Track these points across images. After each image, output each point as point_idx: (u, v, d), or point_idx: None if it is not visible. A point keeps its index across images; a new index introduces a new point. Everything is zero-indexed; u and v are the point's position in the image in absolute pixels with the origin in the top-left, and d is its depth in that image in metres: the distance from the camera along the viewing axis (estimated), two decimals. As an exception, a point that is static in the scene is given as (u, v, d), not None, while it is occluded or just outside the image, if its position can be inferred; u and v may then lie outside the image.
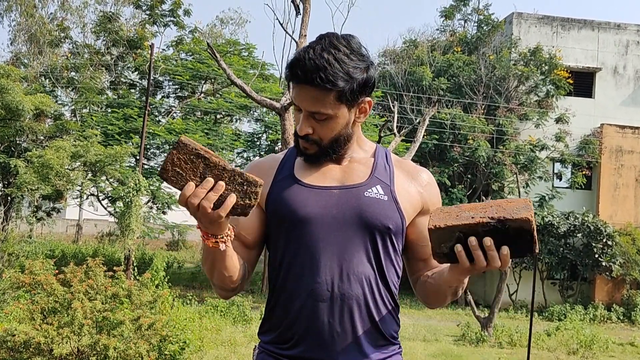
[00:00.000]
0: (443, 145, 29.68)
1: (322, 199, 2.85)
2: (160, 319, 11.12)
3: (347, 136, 2.91)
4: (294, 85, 2.81)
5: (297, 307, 2.80)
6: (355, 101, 2.84)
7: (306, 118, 2.82)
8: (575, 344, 19.01)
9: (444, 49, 34.45)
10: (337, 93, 2.75)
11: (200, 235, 2.59)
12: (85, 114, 30.59)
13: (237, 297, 21.56)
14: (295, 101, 2.85)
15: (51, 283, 10.78)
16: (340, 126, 2.86)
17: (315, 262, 2.80)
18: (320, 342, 2.77)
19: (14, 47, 40.64)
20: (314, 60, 2.72)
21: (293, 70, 2.77)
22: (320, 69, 2.71)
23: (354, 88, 2.78)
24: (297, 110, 2.88)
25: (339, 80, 2.74)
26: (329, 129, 2.84)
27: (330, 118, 2.81)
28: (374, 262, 2.84)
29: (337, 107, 2.79)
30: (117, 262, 22.87)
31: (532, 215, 2.43)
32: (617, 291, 29.67)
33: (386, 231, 2.84)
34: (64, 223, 61.55)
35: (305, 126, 2.83)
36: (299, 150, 2.93)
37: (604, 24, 33.25)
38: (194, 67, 30.51)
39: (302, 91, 2.78)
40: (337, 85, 2.73)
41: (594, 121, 31.90)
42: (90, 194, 29.17)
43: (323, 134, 2.85)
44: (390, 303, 2.90)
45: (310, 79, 2.72)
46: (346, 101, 2.80)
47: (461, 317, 24.50)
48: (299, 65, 2.75)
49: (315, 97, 2.75)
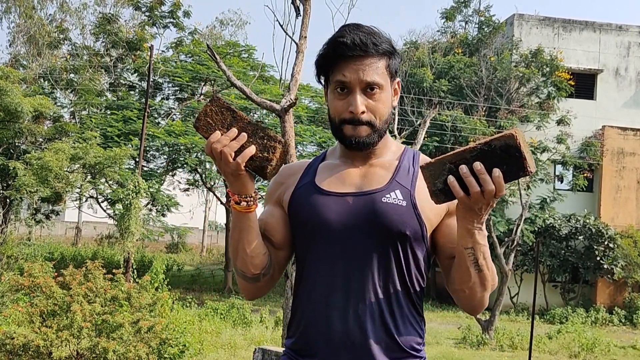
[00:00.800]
0: (444, 147, 29.60)
1: (338, 206, 2.79)
2: (159, 322, 11.12)
3: (389, 118, 2.86)
4: (341, 63, 2.74)
5: (312, 315, 2.78)
6: (394, 74, 2.84)
7: (360, 94, 2.74)
8: (576, 347, 19.06)
9: (445, 51, 34.42)
10: (386, 61, 2.77)
11: (230, 205, 2.78)
12: (85, 116, 30.54)
13: (237, 300, 21.53)
14: (344, 79, 2.75)
15: (50, 286, 10.80)
16: (387, 101, 2.80)
17: (329, 270, 2.77)
18: (332, 352, 2.72)
19: (12, 48, 40.66)
20: (358, 34, 2.72)
21: (341, 46, 2.73)
22: (371, 36, 2.73)
23: (394, 58, 2.82)
24: (340, 95, 2.79)
25: (386, 45, 2.77)
26: (382, 103, 2.77)
27: (383, 90, 2.76)
28: (389, 270, 2.74)
29: (385, 77, 2.77)
30: (117, 265, 22.76)
31: (518, 133, 2.35)
32: (619, 294, 29.66)
33: (403, 238, 2.73)
34: (63, 225, 61.60)
35: (361, 104, 2.73)
36: (346, 139, 2.82)
37: (605, 26, 33.24)
38: (193, 68, 30.46)
39: (354, 64, 2.72)
40: (386, 50, 2.76)
41: (595, 123, 31.87)
42: (90, 197, 29.14)
43: (377, 110, 2.77)
44: (410, 313, 2.77)
45: (365, 45, 2.70)
46: (391, 73, 2.80)
47: (462, 320, 24.45)
48: (346, 40, 2.72)
49: (369, 65, 2.72)
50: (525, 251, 28.92)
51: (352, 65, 2.72)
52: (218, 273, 35.01)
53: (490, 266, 2.63)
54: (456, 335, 20.90)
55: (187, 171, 32.43)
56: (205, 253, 56.77)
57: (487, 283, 2.65)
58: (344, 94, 2.76)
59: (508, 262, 20.98)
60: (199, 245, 60.08)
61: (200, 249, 58.48)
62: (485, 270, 2.61)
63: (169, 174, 32.13)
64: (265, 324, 19.61)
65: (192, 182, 34.32)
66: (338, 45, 2.73)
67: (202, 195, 54.07)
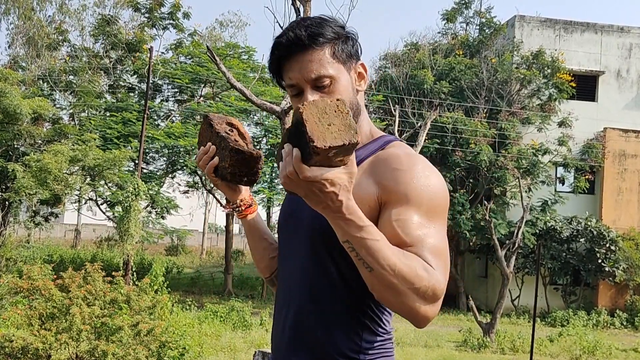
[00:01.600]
0: (445, 149, 29.57)
1: (290, 205, 2.75)
2: (159, 325, 11.15)
3: (356, 106, 2.62)
4: (284, 64, 2.60)
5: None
6: (349, 59, 2.63)
7: (310, 91, 2.56)
8: (578, 350, 19.07)
9: (446, 52, 34.34)
10: (330, 48, 2.57)
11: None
12: (84, 118, 30.53)
13: (237, 302, 21.60)
14: (291, 81, 2.61)
15: (49, 288, 10.91)
16: (345, 91, 2.59)
17: (280, 269, 2.79)
18: (276, 354, 2.73)
19: (11, 50, 40.79)
20: (294, 30, 2.57)
21: (279, 47, 2.59)
22: (307, 28, 2.56)
23: (343, 42, 2.61)
24: (296, 99, 2.62)
25: (327, 32, 2.57)
26: (336, 94, 2.56)
27: (334, 81, 2.56)
28: (317, 268, 2.57)
29: (335, 66, 2.57)
30: (116, 267, 22.68)
31: (309, 106, 2.17)
32: (621, 296, 29.64)
33: (323, 234, 2.51)
34: (62, 228, 61.67)
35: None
36: None
37: (607, 27, 33.23)
38: (193, 70, 30.40)
39: (295, 63, 2.57)
40: (327, 37, 2.56)
41: (597, 125, 31.86)
42: (89, 199, 29.16)
43: None
44: (344, 315, 2.53)
45: (300, 40, 2.54)
46: (341, 59, 2.60)
47: (463, 323, 24.45)
48: (282, 39, 2.58)
49: (311, 60, 2.55)
50: (527, 254, 28.89)
51: (294, 65, 2.58)
52: (218, 276, 34.97)
53: (388, 264, 2.23)
54: (457, 338, 20.87)
55: (186, 173, 32.42)
56: (205, 255, 56.85)
57: (398, 287, 2.27)
58: (299, 97, 2.61)
59: (509, 265, 20.92)
60: (199, 247, 60.14)
61: (200, 251, 58.55)
62: (380, 269, 2.24)
63: (169, 176, 32.12)
64: (266, 326, 19.62)
65: (191, 184, 34.32)
66: (276, 47, 2.61)
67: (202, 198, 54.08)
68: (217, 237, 71.48)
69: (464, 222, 28.09)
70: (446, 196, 2.52)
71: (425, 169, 2.49)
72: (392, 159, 2.51)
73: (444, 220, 2.48)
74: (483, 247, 30.34)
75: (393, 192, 2.44)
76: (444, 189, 2.51)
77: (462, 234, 28.77)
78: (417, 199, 2.42)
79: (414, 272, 2.26)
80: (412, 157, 2.52)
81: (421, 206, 2.42)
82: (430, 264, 2.32)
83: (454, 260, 31.28)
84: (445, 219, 2.49)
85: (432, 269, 2.32)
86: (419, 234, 2.37)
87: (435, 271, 2.33)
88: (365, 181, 2.51)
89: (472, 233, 28.59)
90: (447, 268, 2.40)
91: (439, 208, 2.47)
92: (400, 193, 2.44)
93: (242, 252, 55.40)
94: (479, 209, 28.18)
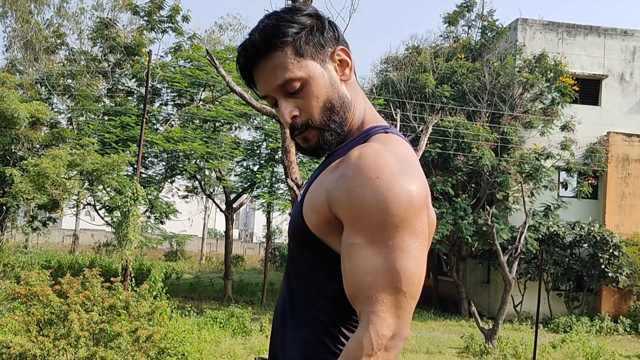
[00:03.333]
0: (446, 153, 29.52)
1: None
2: (158, 331, 11.24)
3: (341, 101, 2.37)
4: (255, 76, 2.39)
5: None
6: (321, 50, 2.36)
7: (283, 100, 2.35)
8: (581, 356, 19.14)
9: (448, 56, 34.32)
10: (292, 47, 2.31)
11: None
12: (82, 122, 30.53)
13: (237, 308, 21.56)
14: (262, 93, 2.40)
15: (47, 294, 11.03)
16: (323, 88, 2.34)
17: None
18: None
19: (9, 53, 40.94)
20: (251, 35, 2.36)
21: (239, 60, 2.40)
22: (261, 32, 2.32)
23: (308, 33, 2.34)
24: (275, 107, 2.41)
25: (285, 29, 2.31)
26: (311, 97, 2.32)
27: (305, 83, 2.31)
28: (290, 277, 2.43)
29: (303, 64, 2.31)
30: (115, 273, 22.62)
31: None
32: (624, 302, 29.61)
33: (293, 238, 2.40)
34: (60, 233, 61.85)
35: (288, 110, 2.34)
36: (302, 150, 2.44)
37: (610, 30, 33.23)
38: (192, 74, 30.35)
39: (260, 74, 2.36)
40: (286, 35, 2.30)
41: (600, 129, 31.87)
42: (87, 204, 29.13)
43: (310, 108, 2.34)
44: (316, 324, 2.29)
45: (255, 48, 2.32)
46: (310, 53, 2.33)
47: (465, 329, 24.47)
48: (240, 53, 2.39)
49: (273, 66, 2.31)
50: (529, 259, 28.89)
51: (259, 76, 2.37)
52: (217, 281, 35.05)
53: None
54: (459, 345, 20.88)
55: (186, 178, 32.50)
56: (204, 261, 57.14)
57: None
58: (277, 106, 2.40)
59: (511, 271, 20.92)
60: (198, 253, 60.40)
61: (200, 256, 58.83)
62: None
63: (168, 180, 32.12)
64: (265, 332, 19.69)
65: (191, 189, 34.40)
66: (237, 61, 2.42)
67: (201, 203, 54.27)
68: (216, 243, 71.69)
69: (466, 227, 28.07)
70: (411, 202, 2.12)
71: (378, 172, 2.13)
72: (344, 162, 2.23)
73: (409, 233, 2.12)
74: (485, 253, 30.37)
75: (341, 205, 2.17)
76: (406, 193, 2.12)
77: (464, 239, 28.77)
78: (363, 214, 2.12)
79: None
80: (365, 157, 2.17)
81: (369, 222, 2.11)
82: (369, 314, 2.08)
83: (456, 266, 31.30)
84: (412, 231, 2.12)
85: (371, 325, 2.07)
86: (363, 267, 2.10)
87: (375, 320, 2.07)
88: (321, 187, 2.28)
89: (474, 238, 28.62)
90: (404, 294, 2.09)
91: (397, 219, 2.10)
92: (346, 207, 2.16)
93: (242, 258, 55.67)
94: (481, 214, 28.13)
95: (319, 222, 2.24)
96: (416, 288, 2.12)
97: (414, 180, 2.15)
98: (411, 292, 2.10)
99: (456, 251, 31.25)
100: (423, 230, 2.15)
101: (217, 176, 32.14)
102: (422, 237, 2.14)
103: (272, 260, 49.76)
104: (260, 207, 33.76)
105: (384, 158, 2.16)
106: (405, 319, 2.10)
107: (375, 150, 2.19)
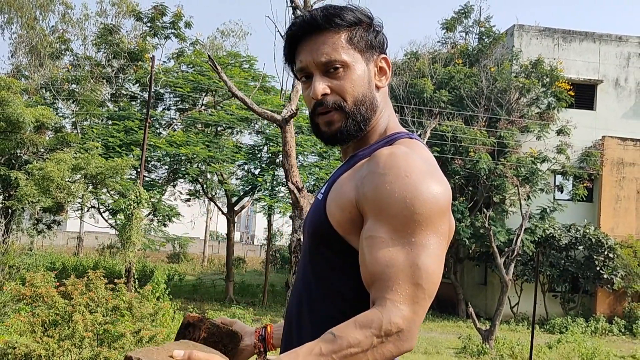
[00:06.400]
0: (444, 157, 29.56)
1: (310, 209, 2.53)
2: (161, 332, 11.15)
3: (371, 101, 2.40)
4: (298, 48, 2.42)
5: None
6: (369, 50, 2.42)
7: (319, 76, 2.37)
8: (576, 356, 18.98)
9: (445, 61, 34.37)
10: (347, 33, 2.37)
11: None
12: (86, 127, 30.53)
13: (238, 309, 21.59)
14: (300, 64, 2.42)
15: (52, 295, 10.88)
16: (360, 81, 2.38)
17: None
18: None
19: (14, 59, 40.69)
20: (311, 12, 2.39)
21: (291, 28, 2.43)
22: (324, 10, 2.37)
23: (365, 30, 2.41)
24: (305, 85, 2.44)
25: (346, 16, 2.37)
26: (350, 82, 2.36)
27: (347, 67, 2.35)
28: (308, 275, 2.42)
29: (350, 52, 2.37)
30: (118, 275, 22.79)
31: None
32: (619, 304, 29.66)
33: (313, 236, 2.40)
34: (64, 235, 61.72)
35: (322, 86, 2.36)
36: (320, 133, 2.44)
37: (605, 36, 33.31)
38: (194, 79, 30.43)
39: (307, 45, 2.39)
40: (345, 20, 2.36)
41: (595, 133, 31.94)
42: (91, 207, 29.16)
43: (344, 89, 2.36)
44: (333, 322, 2.14)
45: (314, 21, 2.36)
46: (359, 47, 2.39)
47: (462, 330, 24.49)
48: (297, 21, 2.42)
49: (324, 42, 2.35)
50: (526, 261, 28.92)
51: (305, 47, 2.39)
52: (219, 283, 34.98)
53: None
54: (456, 345, 20.92)
55: (188, 181, 32.40)
56: (206, 263, 56.80)
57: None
58: (308, 82, 2.42)
59: (508, 272, 20.99)
60: (200, 255, 60.04)
61: (202, 258, 58.46)
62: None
63: (171, 184, 32.11)
64: (266, 333, 19.58)
65: (193, 193, 34.31)
66: (289, 29, 2.43)
67: (204, 206, 54.11)
68: (218, 245, 71.44)
69: (463, 230, 28.09)
70: (436, 203, 2.17)
71: (408, 171, 2.17)
72: (374, 160, 2.26)
73: (431, 232, 2.15)
74: (482, 255, 30.36)
75: (368, 200, 2.20)
76: (433, 194, 2.17)
77: (461, 242, 28.79)
78: (389, 209, 2.15)
79: (357, 340, 2.04)
80: (395, 157, 2.22)
81: (394, 218, 2.14)
82: (385, 300, 2.09)
83: (453, 268, 31.37)
84: (435, 230, 2.16)
85: (385, 309, 2.08)
86: (385, 259, 2.12)
87: (390, 307, 2.08)
88: (348, 185, 2.30)
89: (472, 241, 28.61)
90: (423, 290, 2.13)
91: (422, 218, 2.13)
92: (373, 201, 2.19)
93: (243, 260, 55.42)
94: (478, 217, 28.21)
95: (343, 219, 2.26)
96: (434, 287, 2.17)
97: (441, 184, 2.21)
98: (430, 290, 2.14)
99: (454, 253, 31.20)
100: (444, 232, 2.20)
101: (219, 179, 32.07)
102: (443, 239, 2.20)
103: (272, 262, 49.51)
104: (262, 210, 33.71)
105: (412, 159, 2.21)
106: (419, 315, 2.12)
107: (404, 151, 2.25)
